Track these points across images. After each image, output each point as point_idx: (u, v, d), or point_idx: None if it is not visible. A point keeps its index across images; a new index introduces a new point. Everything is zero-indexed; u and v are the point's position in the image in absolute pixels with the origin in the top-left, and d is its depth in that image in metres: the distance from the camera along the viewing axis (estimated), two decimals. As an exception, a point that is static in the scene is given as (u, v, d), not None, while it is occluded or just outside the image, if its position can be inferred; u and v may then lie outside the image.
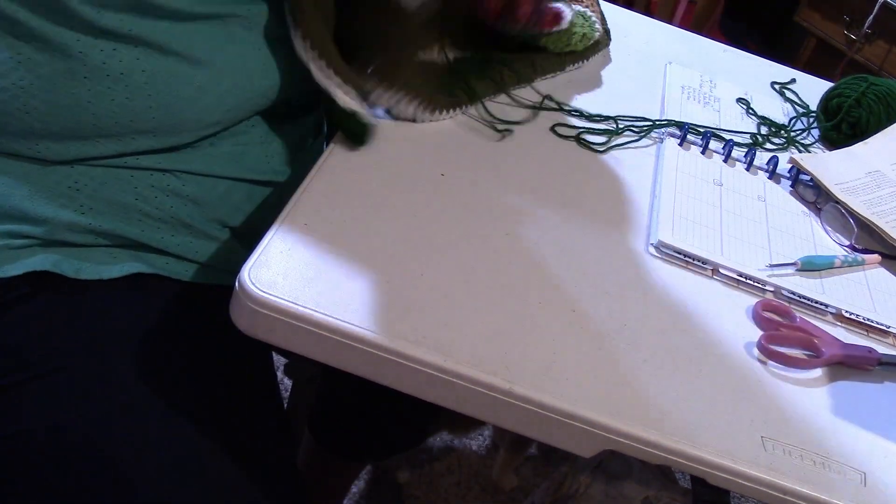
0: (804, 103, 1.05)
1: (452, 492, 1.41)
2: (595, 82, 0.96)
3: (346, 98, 0.71)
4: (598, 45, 1.00)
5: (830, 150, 0.96)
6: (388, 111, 0.77)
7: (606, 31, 1.04)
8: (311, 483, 1.14)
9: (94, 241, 0.70)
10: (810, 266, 0.76)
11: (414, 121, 0.78)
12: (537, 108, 0.87)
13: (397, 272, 0.63)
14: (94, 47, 0.65)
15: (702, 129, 0.92)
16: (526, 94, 0.88)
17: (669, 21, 2.06)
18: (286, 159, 0.79)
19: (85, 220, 0.69)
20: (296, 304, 0.57)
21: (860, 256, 0.80)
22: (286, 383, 1.30)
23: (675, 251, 0.74)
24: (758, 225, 0.81)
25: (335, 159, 0.71)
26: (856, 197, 0.86)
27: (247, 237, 0.77)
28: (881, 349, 0.70)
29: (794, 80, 1.11)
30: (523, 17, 0.83)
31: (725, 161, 0.89)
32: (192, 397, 0.68)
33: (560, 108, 0.88)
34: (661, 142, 0.88)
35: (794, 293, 0.73)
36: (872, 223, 0.83)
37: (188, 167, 0.72)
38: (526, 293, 0.65)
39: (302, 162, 0.80)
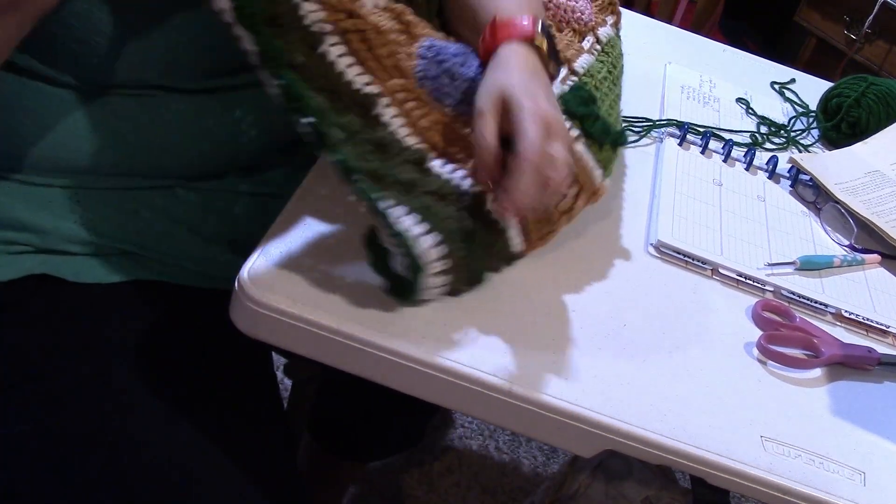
0: (804, 103, 1.05)
1: (452, 492, 1.41)
2: (595, 82, 0.96)
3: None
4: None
5: (830, 150, 0.96)
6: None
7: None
8: (311, 483, 1.14)
9: (93, 250, 0.70)
10: (809, 265, 0.76)
11: None
12: None
13: (397, 272, 0.62)
14: None
15: (701, 129, 0.92)
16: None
17: (669, 21, 2.06)
18: (287, 174, 0.79)
19: (84, 231, 0.69)
20: (295, 303, 0.57)
21: (860, 256, 0.80)
22: (286, 383, 1.29)
23: (674, 251, 0.74)
24: (757, 225, 0.81)
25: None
26: (855, 197, 0.86)
27: (247, 243, 0.77)
28: (881, 349, 0.70)
29: (793, 80, 1.10)
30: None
31: (725, 161, 0.89)
32: (192, 398, 0.68)
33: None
34: (661, 141, 0.88)
35: (793, 293, 0.73)
36: (872, 223, 0.83)
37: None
38: (525, 293, 0.65)
39: (302, 166, 0.79)
